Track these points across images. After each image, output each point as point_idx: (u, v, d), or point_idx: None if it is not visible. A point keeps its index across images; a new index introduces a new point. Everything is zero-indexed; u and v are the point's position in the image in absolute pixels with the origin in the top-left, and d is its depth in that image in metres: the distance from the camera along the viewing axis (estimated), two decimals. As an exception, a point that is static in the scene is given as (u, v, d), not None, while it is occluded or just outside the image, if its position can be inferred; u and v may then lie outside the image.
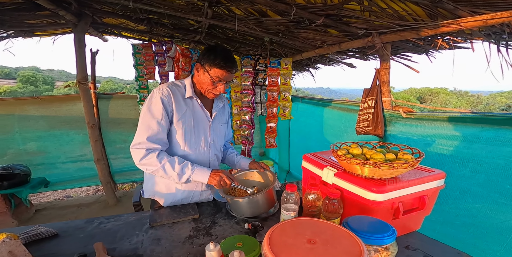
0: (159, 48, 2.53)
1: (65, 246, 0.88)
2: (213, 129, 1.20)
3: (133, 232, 0.96)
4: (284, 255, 0.53)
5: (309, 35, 1.89)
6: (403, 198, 0.78)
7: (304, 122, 2.88)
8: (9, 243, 0.71)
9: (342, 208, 0.83)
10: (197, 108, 1.16)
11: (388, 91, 1.63)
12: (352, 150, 0.91)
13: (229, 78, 1.09)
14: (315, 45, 2.06)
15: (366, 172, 0.80)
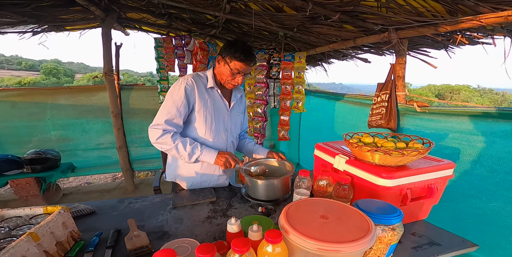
0: (178, 41, 2.63)
1: (102, 222, 0.99)
2: (230, 118, 1.29)
3: (159, 212, 1.06)
4: (299, 227, 0.60)
5: (324, 30, 1.90)
6: (411, 185, 0.82)
7: (315, 116, 2.91)
8: (63, 214, 0.80)
9: (352, 193, 0.88)
10: (217, 97, 1.24)
11: (403, 85, 1.64)
12: (363, 139, 0.96)
13: (247, 70, 1.15)
14: (329, 40, 2.07)
15: (376, 159, 0.85)
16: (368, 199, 0.76)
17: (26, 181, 2.52)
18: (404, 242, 0.84)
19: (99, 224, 0.97)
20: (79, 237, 0.86)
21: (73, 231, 0.84)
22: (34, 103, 2.89)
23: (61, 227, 0.77)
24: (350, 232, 0.58)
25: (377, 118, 1.71)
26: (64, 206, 0.83)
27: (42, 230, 0.69)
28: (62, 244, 0.77)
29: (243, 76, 1.16)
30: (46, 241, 0.70)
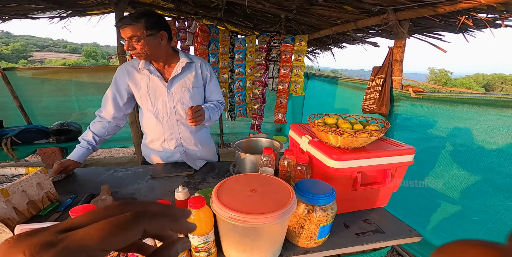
0: (181, 24, 2.65)
1: (83, 186, 1.08)
2: (172, 95, 1.20)
3: (136, 181, 1.14)
4: (223, 197, 0.62)
5: (324, 12, 1.79)
6: (362, 169, 0.79)
7: (318, 100, 2.83)
8: (40, 175, 0.86)
9: (309, 174, 0.87)
10: (153, 77, 1.18)
11: (400, 70, 1.51)
12: (327, 119, 0.92)
13: (124, 33, 1.02)
14: (332, 22, 1.95)
15: (331, 140, 0.82)
16: (314, 180, 0.76)
17: (52, 150, 2.83)
18: (352, 227, 0.84)
19: (79, 188, 1.06)
20: (55, 198, 0.93)
21: (49, 192, 0.90)
22: (61, 81, 3.18)
23: (35, 187, 0.83)
24: (266, 205, 0.59)
25: (370, 103, 1.60)
26: (43, 168, 0.91)
27: (13, 187, 0.75)
28: (35, 203, 0.84)
29: (128, 41, 1.03)
30: (16, 198, 0.77)
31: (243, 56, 2.66)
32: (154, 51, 1.08)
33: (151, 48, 1.06)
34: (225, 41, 2.63)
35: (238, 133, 3.99)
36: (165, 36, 1.09)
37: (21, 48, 34.03)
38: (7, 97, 3.00)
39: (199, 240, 0.63)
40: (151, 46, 1.05)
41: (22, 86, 3.06)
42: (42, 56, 34.23)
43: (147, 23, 1.01)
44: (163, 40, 1.09)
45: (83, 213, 0.52)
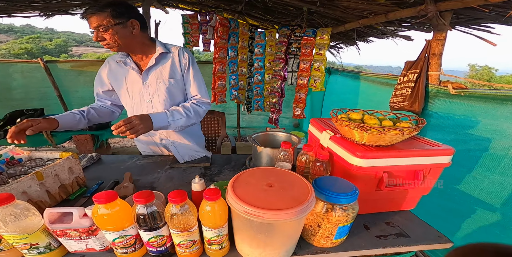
0: (203, 18, 2.68)
1: (108, 173, 1.14)
2: (148, 88, 1.15)
3: (156, 170, 1.18)
4: (239, 191, 0.61)
5: (351, 4, 1.69)
6: (389, 169, 0.72)
7: (340, 96, 2.71)
8: (71, 160, 0.90)
9: (329, 171, 0.82)
10: (129, 69, 1.14)
11: (438, 64, 1.37)
12: (351, 115, 0.85)
13: (90, 24, 0.96)
14: (359, 15, 1.82)
15: (356, 136, 0.76)
16: (334, 177, 0.71)
17: (85, 137, 3.06)
18: (372, 229, 0.78)
19: (105, 174, 1.11)
20: (83, 184, 0.98)
21: (78, 177, 0.94)
22: (95, 73, 3.42)
23: (66, 171, 0.87)
24: (283, 201, 0.56)
25: (400, 100, 1.48)
26: (74, 153, 0.93)
27: (47, 171, 0.79)
28: (66, 187, 0.87)
29: (96, 31, 0.97)
30: (50, 181, 0.79)
31: (262, 49, 2.62)
32: (126, 41, 1.02)
33: (122, 38, 1.00)
34: (245, 35, 2.61)
35: (255, 127, 3.98)
36: (136, 24, 1.02)
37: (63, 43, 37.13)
38: (49, 87, 3.28)
39: (212, 233, 0.62)
40: (121, 35, 0.99)
41: (61, 78, 3.31)
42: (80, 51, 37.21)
43: (114, 12, 0.95)
44: (135, 29, 1.02)
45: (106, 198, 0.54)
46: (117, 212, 0.56)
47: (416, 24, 1.68)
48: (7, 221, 0.48)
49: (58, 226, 0.56)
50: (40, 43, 35.14)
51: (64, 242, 0.61)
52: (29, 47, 32.38)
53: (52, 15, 2.74)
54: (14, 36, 37.75)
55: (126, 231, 0.59)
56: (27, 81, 3.25)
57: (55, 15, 2.74)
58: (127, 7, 1.00)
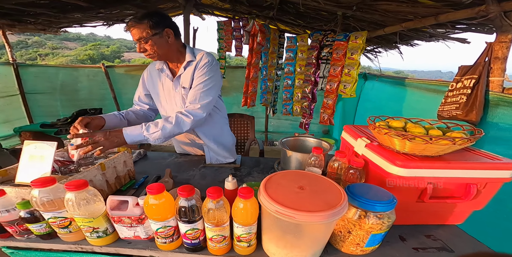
0: (236, 24, 2.79)
1: (152, 167, 1.26)
2: (179, 95, 1.19)
3: (192, 168, 1.26)
4: (271, 191, 0.63)
5: (392, 7, 1.59)
6: (435, 180, 0.66)
7: (376, 103, 2.53)
8: (126, 155, 1.02)
9: (363, 179, 0.80)
10: (164, 76, 1.20)
11: (502, 69, 1.21)
12: (392, 122, 0.81)
13: (133, 36, 1.03)
14: (401, 18, 1.71)
15: (397, 145, 0.72)
16: (369, 184, 0.69)
17: None
18: (409, 241, 0.73)
19: (149, 169, 1.24)
20: (133, 176, 1.09)
21: (129, 170, 1.06)
22: None
23: (122, 164, 0.99)
24: (315, 204, 0.57)
25: (452, 108, 1.33)
26: (128, 148, 1.05)
27: (108, 163, 0.90)
28: (120, 178, 0.99)
29: (139, 43, 1.03)
30: (109, 172, 0.91)
31: (293, 55, 2.61)
32: (163, 50, 1.06)
33: (160, 48, 1.05)
34: (275, 40, 2.66)
35: (282, 132, 3.98)
36: (171, 33, 1.06)
37: (117, 50, 42.18)
38: (106, 89, 3.76)
39: (242, 230, 0.65)
40: (159, 45, 1.04)
41: (117, 81, 3.77)
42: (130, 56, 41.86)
43: (150, 23, 1.00)
44: (170, 38, 1.06)
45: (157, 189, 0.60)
46: (163, 203, 0.62)
47: (474, 26, 1.50)
48: (80, 204, 0.58)
49: (116, 212, 0.65)
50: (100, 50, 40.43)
51: (118, 228, 0.70)
52: (91, 53, 37.45)
53: (112, 24, 3.18)
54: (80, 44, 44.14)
55: (167, 222, 0.65)
56: (91, 84, 3.79)
57: (114, 24, 3.16)
58: (161, 16, 1.04)
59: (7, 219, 0.61)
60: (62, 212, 0.62)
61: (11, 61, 3.41)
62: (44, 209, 0.59)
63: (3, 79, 3.37)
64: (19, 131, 3.03)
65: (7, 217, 0.60)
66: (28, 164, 0.75)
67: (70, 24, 3.09)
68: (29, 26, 3.03)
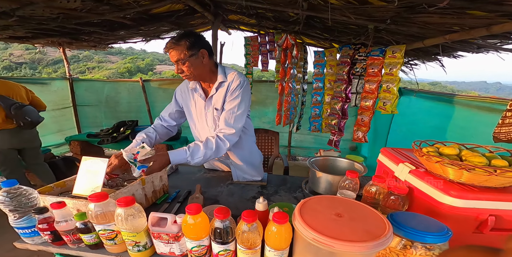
0: (263, 39, 2.86)
1: (183, 182, 1.31)
2: (210, 115, 1.21)
3: (219, 184, 1.29)
4: (307, 216, 0.61)
5: (433, 19, 1.51)
6: (499, 212, 0.59)
7: (414, 120, 2.34)
8: (163, 170, 1.07)
9: (406, 206, 0.75)
10: (197, 97, 1.23)
11: None
12: (443, 149, 0.76)
13: (171, 58, 1.06)
14: (445, 30, 1.61)
15: (450, 174, 0.67)
16: (416, 213, 0.65)
17: (162, 146, 3.61)
18: None
19: (180, 183, 1.28)
20: (167, 190, 1.15)
21: (164, 184, 1.11)
22: (172, 90, 4.00)
23: (158, 179, 1.05)
24: (355, 233, 0.54)
25: (511, 130, 1.19)
26: None
27: (148, 178, 0.96)
28: (156, 192, 1.04)
29: (176, 64, 1.07)
30: (148, 187, 0.97)
31: (322, 69, 2.56)
32: (199, 71, 1.09)
33: (196, 68, 1.07)
34: (301, 54, 2.64)
35: (306, 147, 3.90)
36: (205, 53, 1.08)
37: (150, 62, 46.04)
38: (142, 102, 4.05)
39: (274, 254, 0.64)
40: (195, 66, 1.06)
41: (150, 94, 4.05)
42: (161, 69, 45.46)
43: (187, 43, 1.02)
44: (204, 58, 1.08)
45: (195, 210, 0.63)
46: (200, 223, 0.65)
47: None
48: (128, 219, 0.63)
49: (156, 228, 0.69)
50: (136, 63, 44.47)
51: (156, 244, 0.73)
52: (129, 66, 41.31)
53: (149, 40, 3.50)
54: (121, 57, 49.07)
55: (202, 241, 0.67)
56: (130, 97, 4.12)
57: (151, 39, 3.48)
58: (197, 37, 1.06)
59: (64, 228, 0.67)
60: (111, 225, 0.67)
61: (68, 76, 3.90)
62: (97, 222, 0.65)
63: (60, 92, 3.85)
64: (69, 140, 3.42)
65: (65, 227, 0.67)
66: (84, 178, 0.84)
67: (116, 40, 3.49)
68: (83, 43, 3.48)
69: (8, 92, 2.08)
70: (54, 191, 0.85)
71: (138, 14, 2.47)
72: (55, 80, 3.93)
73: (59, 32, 2.88)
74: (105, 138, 3.29)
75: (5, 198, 0.66)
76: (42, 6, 1.83)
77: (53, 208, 0.65)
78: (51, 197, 0.76)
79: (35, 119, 2.16)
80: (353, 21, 1.81)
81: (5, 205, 0.66)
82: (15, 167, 2.25)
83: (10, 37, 2.94)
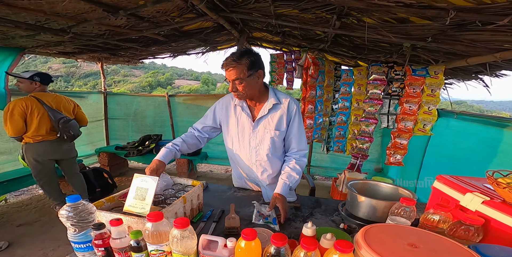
0: (289, 57, 2.87)
1: (215, 200, 1.28)
2: (255, 135, 1.19)
3: (251, 204, 1.20)
4: (376, 246, 0.55)
5: (483, 37, 1.44)
6: None
7: (454, 144, 2.18)
8: (200, 188, 1.07)
9: (480, 237, 0.70)
10: (243, 114, 1.20)
11: None
12: None
13: (229, 76, 1.04)
14: (495, 48, 1.54)
15: None
16: (504, 247, 0.60)
17: (183, 161, 3.64)
18: None
19: (213, 202, 1.26)
20: (201, 209, 1.13)
21: (200, 203, 1.10)
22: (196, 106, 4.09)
23: (196, 197, 1.04)
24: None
25: None
26: (201, 182, 1.13)
27: (188, 196, 0.95)
28: (193, 210, 1.03)
29: (231, 82, 1.05)
30: (188, 205, 0.96)
31: (349, 89, 2.50)
32: (252, 91, 1.08)
33: (250, 89, 1.06)
34: (330, 73, 2.60)
35: (325, 167, 3.81)
36: (261, 74, 1.08)
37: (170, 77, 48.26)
38: (167, 117, 4.19)
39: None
40: (250, 86, 1.06)
41: (175, 109, 4.18)
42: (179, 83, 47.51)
43: (248, 63, 1.01)
44: (260, 79, 1.08)
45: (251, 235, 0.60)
46: (254, 248, 0.61)
47: None
48: (183, 241, 0.61)
49: (207, 252, 0.66)
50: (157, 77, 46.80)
51: (205, 267, 0.70)
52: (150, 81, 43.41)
53: (176, 56, 3.64)
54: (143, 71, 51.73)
55: (254, 268, 0.63)
56: (155, 111, 4.29)
57: (178, 55, 3.62)
58: (257, 56, 1.06)
59: (118, 246, 0.67)
60: (163, 245, 0.65)
61: (103, 90, 4.16)
62: (152, 241, 0.63)
63: (95, 105, 4.10)
64: (99, 151, 3.58)
65: (119, 244, 0.66)
66: (134, 195, 0.85)
67: (147, 56, 3.70)
68: (120, 58, 3.72)
69: (59, 106, 2.26)
70: (105, 206, 0.87)
71: (171, 31, 2.61)
72: (92, 93, 4.23)
73: (101, 48, 3.13)
74: (131, 151, 3.41)
75: (70, 213, 0.67)
76: (93, 23, 2.00)
77: (112, 225, 0.65)
78: (105, 212, 0.76)
79: (76, 133, 2.32)
80: (387, 39, 1.79)
81: (68, 219, 0.67)
82: (51, 177, 2.35)
83: (59, 53, 3.24)
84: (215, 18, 2.06)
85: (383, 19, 1.64)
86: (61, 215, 0.70)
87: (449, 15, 1.18)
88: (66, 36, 2.19)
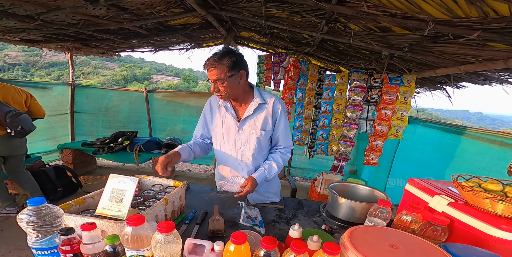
0: (276, 59, 2.88)
1: (197, 202, 1.25)
2: (241, 136, 1.19)
3: (235, 205, 1.22)
4: (361, 248, 0.57)
5: (451, 49, 1.57)
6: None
7: (420, 149, 2.41)
8: (182, 189, 1.03)
9: (446, 237, 0.77)
10: (227, 115, 1.19)
11: None
12: (486, 185, 0.80)
13: (210, 76, 1.04)
14: (460, 60, 1.69)
15: (499, 209, 0.70)
16: (467, 245, 0.66)
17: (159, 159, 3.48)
18: None
19: (195, 203, 1.22)
20: (183, 211, 1.08)
21: (182, 204, 1.06)
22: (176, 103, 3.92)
23: (178, 199, 0.99)
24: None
25: None
26: (184, 183, 1.08)
27: (170, 197, 0.91)
28: (174, 212, 0.98)
29: (213, 83, 1.05)
30: (169, 207, 0.91)
31: (331, 93, 2.59)
32: (234, 91, 1.08)
33: (232, 89, 1.06)
34: (314, 77, 2.64)
35: (304, 168, 3.91)
36: (244, 75, 1.08)
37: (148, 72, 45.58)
38: (144, 113, 3.95)
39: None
40: (232, 86, 1.05)
41: (154, 105, 3.96)
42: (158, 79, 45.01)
43: (229, 63, 1.01)
44: (242, 79, 1.08)
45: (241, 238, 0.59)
46: (244, 252, 0.60)
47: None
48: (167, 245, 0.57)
49: (193, 256, 0.63)
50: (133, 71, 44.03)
51: (191, 271, 0.66)
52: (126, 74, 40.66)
53: (158, 50, 3.44)
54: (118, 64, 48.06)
55: (243, 271, 0.61)
56: (131, 107, 4.02)
57: (159, 50, 3.43)
58: (239, 57, 1.05)
59: (90, 252, 0.60)
60: (144, 250, 0.60)
61: (71, 82, 3.79)
62: (131, 246, 0.58)
63: (60, 98, 3.73)
64: (62, 148, 3.24)
65: (91, 250, 0.60)
66: (110, 197, 0.78)
67: (125, 49, 3.45)
68: (93, 49, 3.40)
69: (7, 98, 1.99)
70: (73, 208, 0.78)
71: (155, 25, 2.49)
72: (57, 85, 3.85)
73: (72, 38, 2.86)
74: (101, 148, 3.15)
75: (31, 217, 0.59)
76: (67, 11, 1.82)
77: (84, 229, 0.58)
78: (74, 216, 0.68)
79: (28, 128, 2.06)
80: (368, 47, 1.88)
81: (29, 224, 0.58)
82: None
83: (21, 40, 2.89)
84: (204, 14, 2.01)
85: (367, 26, 1.72)
86: (20, 220, 0.61)
87: (428, 27, 1.27)
88: (33, 23, 1.97)
